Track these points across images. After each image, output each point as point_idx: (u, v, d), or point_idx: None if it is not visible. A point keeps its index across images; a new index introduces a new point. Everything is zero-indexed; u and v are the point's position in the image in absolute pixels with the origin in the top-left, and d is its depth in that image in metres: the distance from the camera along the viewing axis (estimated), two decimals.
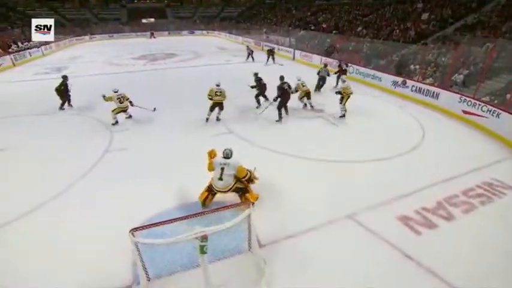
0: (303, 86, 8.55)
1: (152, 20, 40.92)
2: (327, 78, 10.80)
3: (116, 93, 7.61)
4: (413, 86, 9.86)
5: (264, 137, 6.95)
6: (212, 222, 2.86)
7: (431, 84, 9.58)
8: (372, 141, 6.77)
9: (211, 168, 4.23)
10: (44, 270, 3.38)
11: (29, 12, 35.25)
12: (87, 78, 13.57)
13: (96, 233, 3.92)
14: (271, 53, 16.33)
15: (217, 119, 7.79)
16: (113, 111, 7.62)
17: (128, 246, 2.92)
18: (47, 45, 23.39)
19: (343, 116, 8.18)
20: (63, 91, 8.79)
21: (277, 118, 7.77)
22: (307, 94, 8.67)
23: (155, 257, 3.20)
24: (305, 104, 8.95)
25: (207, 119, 7.69)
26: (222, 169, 4.10)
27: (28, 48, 20.22)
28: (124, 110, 7.83)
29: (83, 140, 6.85)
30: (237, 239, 3.47)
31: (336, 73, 11.33)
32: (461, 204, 4.49)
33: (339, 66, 11.68)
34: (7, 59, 16.72)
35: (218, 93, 7.40)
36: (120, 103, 7.64)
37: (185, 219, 2.97)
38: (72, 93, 9.14)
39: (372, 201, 4.56)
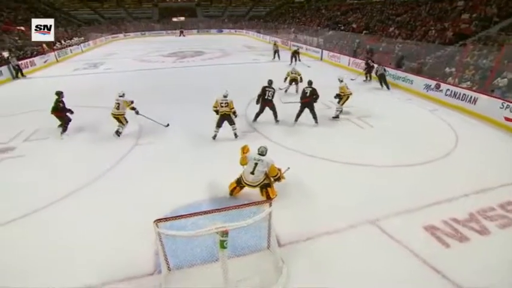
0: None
1: (182, 18, 42.14)
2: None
3: (117, 97, 6.75)
4: (448, 89, 9.30)
5: (289, 137, 6.92)
6: (233, 218, 2.91)
7: (469, 88, 8.97)
8: (400, 145, 6.50)
9: (244, 162, 4.38)
10: (71, 256, 3.58)
11: (72, 12, 37.79)
12: (120, 74, 14.32)
13: (121, 223, 4.12)
14: (295, 53, 15.53)
15: (235, 136, 6.67)
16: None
17: (151, 236, 3.06)
18: (86, 43, 24.98)
19: (337, 117, 8.01)
20: (58, 109, 7.01)
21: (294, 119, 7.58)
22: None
23: (176, 248, 3.31)
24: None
25: (215, 136, 6.62)
26: (256, 164, 4.23)
27: (69, 46, 21.71)
28: (117, 119, 6.68)
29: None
30: (256, 236, 3.50)
31: (364, 70, 12.01)
32: (497, 218, 4.18)
33: (367, 63, 11.99)
34: (52, 55, 18.09)
35: (224, 105, 6.37)
36: (116, 109, 6.60)
37: (207, 213, 3.05)
38: (106, 89, 9.44)
39: (397, 208, 4.39)
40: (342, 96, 7.90)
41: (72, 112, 7.28)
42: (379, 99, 10.08)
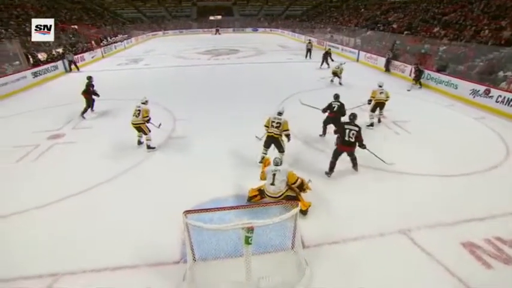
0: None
1: (219, 17, 43.14)
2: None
3: (138, 104, 6.13)
4: (499, 95, 8.45)
5: (320, 141, 6.78)
6: (259, 216, 2.94)
7: None
8: (438, 154, 6.07)
9: (263, 177, 4.32)
10: (101, 242, 3.83)
11: (118, 11, 40.45)
12: (158, 70, 15.06)
13: (152, 211, 4.36)
14: (327, 55, 14.47)
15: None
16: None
17: (179, 226, 3.19)
18: (129, 40, 26.62)
19: (371, 125, 7.44)
20: (88, 92, 8.10)
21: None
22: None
23: (202, 240, 3.42)
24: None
25: (262, 159, 5.36)
26: (274, 175, 4.17)
27: (114, 43, 23.30)
28: (138, 128, 6.09)
29: (151, 126, 7.58)
30: (281, 236, 3.50)
31: (414, 77, 11.36)
32: None
33: (417, 69, 11.30)
34: (99, 51, 19.60)
35: (275, 124, 5.25)
36: (135, 117, 6.00)
37: (234, 209, 3.11)
38: (143, 82, 9.97)
39: (432, 220, 4.11)
40: (370, 101, 7.47)
41: (98, 95, 8.37)
42: (418, 104, 9.49)
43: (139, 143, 6.44)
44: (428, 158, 5.92)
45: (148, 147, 6.22)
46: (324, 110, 6.71)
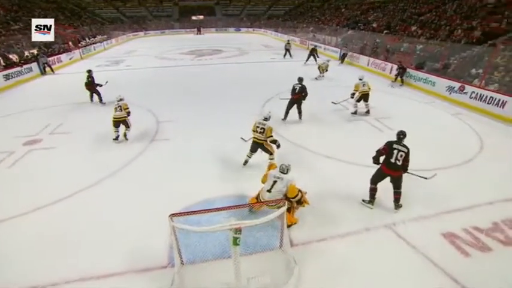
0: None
1: (201, 17, 42.73)
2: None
3: (115, 102, 6.58)
4: (473, 92, 8.87)
5: (304, 138, 6.85)
6: (247, 216, 2.93)
7: (497, 91, 8.52)
8: (419, 149, 6.24)
9: (264, 180, 4.06)
10: (84, 250, 3.70)
11: (97, 11, 39.21)
12: (140, 71, 14.71)
13: (136, 216, 4.25)
14: (313, 51, 15.61)
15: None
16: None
17: (166, 230, 3.14)
18: (108, 41, 25.85)
19: (355, 112, 8.25)
20: (91, 85, 9.10)
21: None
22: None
23: (190, 243, 3.38)
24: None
25: (245, 162, 5.46)
26: (274, 182, 3.88)
27: (93, 43, 22.54)
28: (120, 122, 6.51)
29: (134, 130, 7.33)
30: (269, 235, 3.51)
31: (397, 74, 11.76)
32: None
33: (400, 65, 11.69)
34: (77, 52, 18.89)
35: (259, 130, 5.13)
36: (115, 111, 6.48)
37: (221, 210, 3.09)
38: (125, 84, 9.84)
39: (415, 213, 4.27)
40: (353, 94, 8.14)
41: (101, 85, 9.19)
42: (399, 101, 9.79)
43: (116, 138, 6.64)
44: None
45: (125, 136, 6.74)
46: (291, 94, 7.48)
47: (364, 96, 8.01)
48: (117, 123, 6.51)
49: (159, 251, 3.61)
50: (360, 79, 8.03)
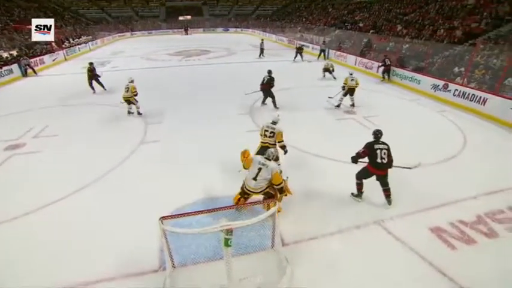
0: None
1: (189, 17, 42.35)
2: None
3: (127, 83, 8.02)
4: (456, 89, 9.16)
5: (292, 135, 6.88)
6: (238, 217, 2.92)
7: (479, 89, 8.82)
8: (405, 146, 6.40)
9: (248, 165, 4.00)
10: (72, 257, 3.60)
11: (80, 11, 38.27)
12: (128, 72, 14.42)
13: (126, 220, 4.17)
14: (300, 50, 16.95)
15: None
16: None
17: (156, 233, 3.09)
18: (93, 41, 25.27)
19: (338, 106, 8.80)
20: (91, 76, 10.22)
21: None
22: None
23: (181, 246, 3.34)
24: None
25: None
26: (260, 169, 3.86)
27: (78, 44, 21.99)
28: (127, 100, 7.99)
29: (122, 132, 7.30)
30: (261, 235, 3.50)
31: (380, 66, 12.32)
32: (506, 221, 4.11)
33: (383, 61, 12.07)
34: (60, 54, 18.37)
35: (269, 134, 4.95)
36: (125, 92, 7.92)
37: (212, 212, 3.07)
38: (112, 85, 9.77)
39: (403, 209, 4.35)
40: (344, 87, 8.64)
41: (99, 76, 10.54)
42: (386, 99, 9.99)
43: (129, 113, 8.22)
44: (396, 150, 6.22)
45: (138, 113, 8.22)
46: (260, 85, 8.49)
47: (351, 91, 8.57)
48: (126, 101, 8.03)
49: (150, 255, 3.55)
50: (351, 74, 8.68)
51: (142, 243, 3.72)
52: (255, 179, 3.88)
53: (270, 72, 8.52)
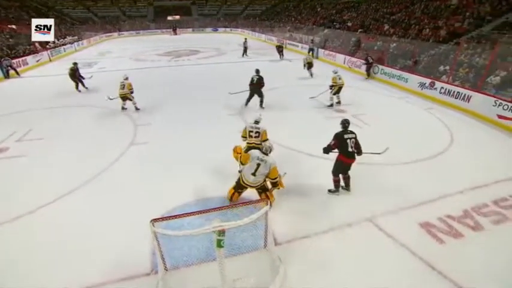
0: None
1: (177, 17, 41.92)
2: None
3: (121, 80, 8.24)
4: (442, 87, 9.39)
5: (282, 134, 6.91)
6: (230, 217, 2.90)
7: (463, 86, 9.07)
8: (395, 143, 6.50)
9: (246, 160, 4.04)
10: (61, 261, 3.52)
11: (65, 10, 37.32)
12: (115, 73, 14.16)
13: (117, 223, 4.10)
14: (280, 48, 17.18)
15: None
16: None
17: (147, 236, 3.04)
18: (79, 42, 24.69)
19: (331, 105, 8.80)
20: (73, 76, 10.29)
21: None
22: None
23: (173, 248, 3.30)
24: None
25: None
26: (258, 165, 3.95)
27: (63, 45, 21.44)
28: (123, 96, 8.22)
29: (110, 133, 7.17)
30: (253, 236, 3.50)
31: (363, 64, 12.83)
32: (491, 214, 4.24)
33: (366, 59, 12.60)
34: (45, 54, 17.86)
35: (254, 134, 5.05)
36: (120, 88, 8.15)
37: (204, 213, 3.04)
38: (99, 87, 9.67)
39: (393, 205, 4.42)
40: (333, 86, 8.60)
41: (84, 78, 10.62)
42: (375, 98, 10.15)
43: (123, 109, 8.46)
44: (385, 147, 6.33)
45: (136, 108, 8.50)
46: (249, 84, 8.34)
47: (339, 89, 8.65)
48: (122, 98, 8.23)
49: (142, 258, 3.50)
50: (335, 72, 8.66)
51: (133, 246, 3.66)
52: (253, 174, 3.98)
53: (257, 71, 8.44)
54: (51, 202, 4.57)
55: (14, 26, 20.97)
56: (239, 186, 4.21)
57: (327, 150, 4.50)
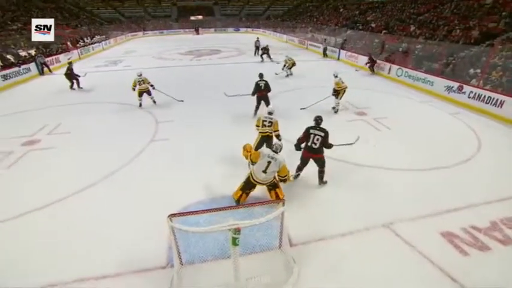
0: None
1: (200, 17, 42.69)
2: None
3: (138, 77, 8.47)
4: (471, 91, 8.91)
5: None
6: (245, 216, 2.93)
7: (495, 91, 8.55)
8: (417, 148, 6.30)
9: (256, 159, 4.05)
10: (83, 250, 3.68)
11: (95, 11, 39.12)
12: (139, 71, 14.64)
13: (136, 216, 4.24)
14: (265, 50, 16.71)
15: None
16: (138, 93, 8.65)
17: (164, 231, 3.13)
18: (107, 41, 25.79)
19: (337, 111, 8.38)
20: (69, 75, 10.50)
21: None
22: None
23: (189, 243, 3.38)
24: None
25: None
26: (269, 163, 3.95)
27: (92, 44, 22.48)
28: (144, 92, 8.59)
29: (132, 129, 7.44)
30: (268, 235, 3.51)
31: (366, 63, 13.48)
32: None
33: (370, 58, 13.27)
34: (75, 53, 18.84)
35: (267, 124, 5.38)
36: (139, 85, 8.46)
37: (220, 210, 3.09)
38: (124, 84, 10.02)
39: (413, 212, 4.26)
40: (338, 91, 8.18)
41: (79, 76, 10.81)
42: (397, 101, 9.83)
43: (140, 106, 8.79)
44: (407, 152, 6.14)
45: (154, 102, 8.98)
46: (254, 93, 7.76)
47: (343, 93, 8.27)
48: (141, 93, 8.59)
49: (158, 252, 3.60)
50: (336, 76, 8.21)
51: (150, 240, 3.77)
52: (264, 171, 3.99)
53: (261, 75, 7.95)
54: (75, 193, 4.80)
55: None
56: (248, 186, 4.17)
57: (297, 144, 4.74)
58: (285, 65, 12.81)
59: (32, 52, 15.31)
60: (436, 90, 10.20)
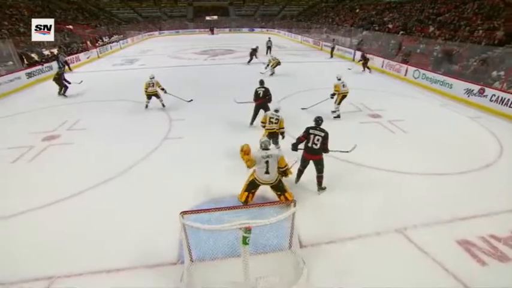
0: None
1: (215, 17, 43.10)
2: None
3: (149, 80, 8.42)
4: (493, 95, 8.55)
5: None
6: (256, 216, 2.93)
7: None
8: (434, 153, 6.11)
9: (252, 164, 3.97)
10: (97, 244, 3.78)
11: (114, 11, 40.24)
12: (155, 70, 14.94)
13: (148, 213, 4.33)
14: (255, 52, 16.32)
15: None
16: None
17: (176, 227, 3.18)
18: (124, 40, 26.48)
19: (338, 116, 7.88)
20: (58, 79, 10.17)
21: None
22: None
23: (200, 241, 3.41)
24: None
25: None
26: (267, 162, 3.87)
27: (110, 43, 23.14)
28: (153, 95, 8.49)
29: (147, 128, 7.59)
30: (278, 236, 3.50)
31: (359, 61, 13.98)
32: None
33: (363, 56, 13.74)
34: (94, 52, 19.46)
35: (274, 121, 5.55)
36: (149, 87, 8.38)
37: (231, 209, 3.11)
38: (139, 83, 10.13)
39: (428, 218, 4.14)
40: (335, 95, 7.79)
41: (69, 83, 10.39)
42: (413, 104, 9.58)
43: (146, 107, 8.76)
44: (424, 156, 5.97)
45: (163, 105, 8.76)
46: (254, 99, 7.21)
47: (343, 98, 7.77)
48: (149, 96, 8.53)
49: (169, 248, 3.67)
50: (339, 79, 7.76)
51: (162, 236, 3.84)
52: (267, 172, 3.93)
53: (262, 82, 7.43)
54: (90, 188, 4.95)
55: (70, 26, 23.07)
56: (253, 186, 4.11)
57: (295, 144, 4.60)
58: (268, 64, 13.22)
59: (55, 51, 15.91)
60: (455, 93, 9.87)
